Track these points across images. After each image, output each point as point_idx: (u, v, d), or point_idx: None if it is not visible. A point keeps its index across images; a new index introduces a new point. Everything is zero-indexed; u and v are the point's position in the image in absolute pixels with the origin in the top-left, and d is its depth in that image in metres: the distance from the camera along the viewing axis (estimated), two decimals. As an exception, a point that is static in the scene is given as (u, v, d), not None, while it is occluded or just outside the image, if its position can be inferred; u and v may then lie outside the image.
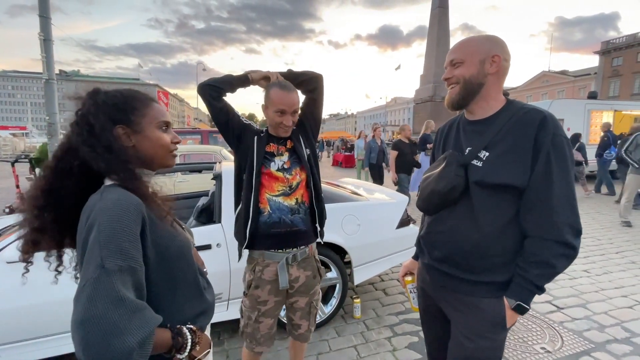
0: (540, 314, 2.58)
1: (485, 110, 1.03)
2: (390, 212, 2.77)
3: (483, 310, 1.00)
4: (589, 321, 2.49)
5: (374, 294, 3.01)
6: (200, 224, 2.38)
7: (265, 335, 1.54)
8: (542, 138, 0.91)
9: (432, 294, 1.18)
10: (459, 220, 1.03)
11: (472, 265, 1.01)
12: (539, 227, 0.93)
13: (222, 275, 2.14)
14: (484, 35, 1.03)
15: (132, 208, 0.72)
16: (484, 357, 1.02)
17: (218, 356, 2.15)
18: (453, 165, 1.02)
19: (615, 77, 36.47)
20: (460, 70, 1.01)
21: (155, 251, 0.77)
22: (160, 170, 2.59)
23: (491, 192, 0.96)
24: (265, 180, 1.46)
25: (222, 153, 5.51)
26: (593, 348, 2.17)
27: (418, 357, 2.11)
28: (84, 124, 0.77)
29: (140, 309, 0.63)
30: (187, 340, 0.75)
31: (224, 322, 2.23)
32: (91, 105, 0.79)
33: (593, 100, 10.09)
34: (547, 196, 0.91)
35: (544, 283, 0.94)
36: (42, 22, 6.13)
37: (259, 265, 1.51)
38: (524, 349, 2.17)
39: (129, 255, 0.66)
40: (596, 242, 4.23)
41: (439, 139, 1.21)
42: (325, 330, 2.41)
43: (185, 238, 0.89)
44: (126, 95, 0.84)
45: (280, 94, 1.42)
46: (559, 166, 0.90)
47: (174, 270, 0.82)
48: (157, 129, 0.86)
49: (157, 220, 0.79)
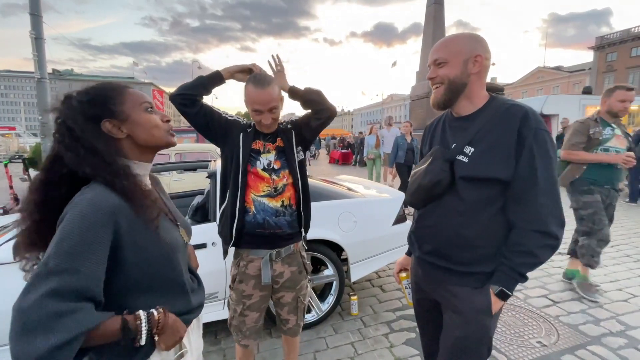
0: (536, 308, 2.60)
1: (469, 107, 1.06)
2: (386, 209, 2.77)
3: (471, 300, 1.04)
4: (585, 315, 2.50)
5: (371, 290, 3.01)
6: (195, 222, 2.36)
7: (251, 329, 1.54)
8: (525, 133, 0.94)
9: (424, 287, 1.22)
10: (446, 213, 1.06)
11: (460, 257, 1.05)
12: (525, 219, 0.97)
13: (218, 274, 2.12)
14: (467, 34, 1.04)
15: (104, 209, 0.70)
16: (472, 345, 1.06)
17: (215, 355, 2.15)
18: (439, 160, 1.05)
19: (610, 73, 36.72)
20: (444, 70, 1.03)
21: (135, 253, 0.75)
22: (156, 169, 2.53)
23: (477, 186, 0.99)
24: (250, 180, 1.44)
25: (217, 151, 5.47)
26: (588, 341, 2.18)
27: (415, 353, 2.11)
28: (64, 130, 0.76)
29: (71, 311, 0.61)
30: (141, 328, 0.72)
31: (220, 322, 2.21)
32: (66, 109, 0.77)
33: (588, 95, 10.14)
34: (532, 189, 0.94)
35: (527, 271, 0.98)
36: (33, 20, 6.05)
37: (243, 260, 1.51)
38: (520, 343, 2.18)
39: (79, 257, 0.64)
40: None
41: (426, 136, 1.25)
42: (322, 328, 2.41)
43: (174, 241, 0.86)
44: (98, 88, 0.82)
45: (254, 92, 1.36)
46: (542, 160, 0.94)
47: (155, 274, 0.80)
48: (143, 112, 0.83)
49: (141, 222, 0.76)
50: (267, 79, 1.39)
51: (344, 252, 2.52)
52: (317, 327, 2.41)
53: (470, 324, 1.04)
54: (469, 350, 1.07)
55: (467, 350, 1.07)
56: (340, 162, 16.15)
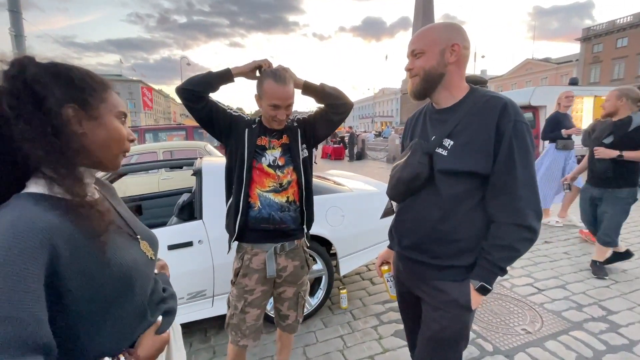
0: (521, 297, 2.66)
1: (448, 99, 1.05)
2: (374, 202, 2.78)
3: (449, 293, 1.04)
4: (568, 301, 2.57)
5: (360, 283, 3.03)
6: (181, 220, 2.34)
7: (250, 327, 1.52)
8: (504, 125, 0.93)
9: (405, 282, 1.22)
10: (425, 207, 1.05)
11: (439, 251, 1.04)
12: (504, 213, 0.96)
13: (205, 272, 2.12)
14: (443, 24, 1.03)
15: (33, 231, 0.55)
16: (448, 337, 1.07)
17: (204, 352, 2.15)
18: (418, 153, 1.04)
19: (596, 64, 37.22)
20: (420, 61, 1.02)
21: (82, 284, 0.61)
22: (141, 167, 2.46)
23: (456, 180, 0.99)
24: (256, 176, 1.44)
25: (206, 149, 5.42)
26: (571, 327, 2.24)
27: (403, 344, 2.14)
28: (25, 94, 0.60)
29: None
30: None
31: (209, 319, 2.21)
32: (40, 71, 0.62)
33: (574, 86, 10.29)
34: (511, 182, 0.94)
35: (507, 265, 0.98)
36: (13, 17, 5.87)
37: (248, 253, 1.51)
38: (505, 330, 2.23)
39: (7, 301, 0.50)
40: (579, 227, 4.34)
41: (407, 128, 1.24)
42: (312, 322, 2.43)
43: (132, 261, 0.71)
44: (83, 72, 0.69)
45: (274, 87, 1.36)
46: (520, 152, 0.93)
47: (111, 305, 0.66)
48: (115, 119, 0.72)
49: (87, 245, 0.62)
50: (286, 76, 1.39)
51: (332, 246, 2.53)
52: (306, 321, 2.42)
53: (449, 318, 1.05)
54: (446, 344, 1.08)
55: (444, 344, 1.08)
56: (333, 157, 16.15)
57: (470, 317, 1.07)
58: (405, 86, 16.02)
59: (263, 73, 1.42)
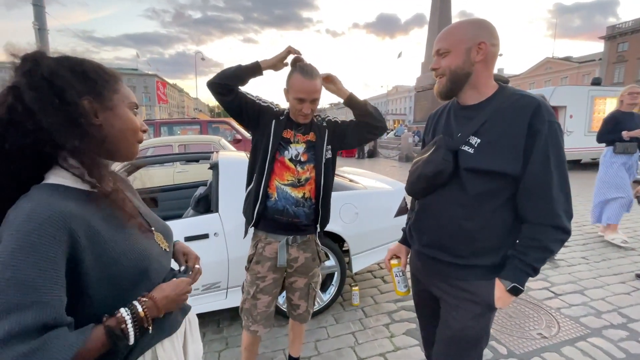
0: (537, 300, 2.60)
1: (475, 96, 1.02)
2: (388, 201, 2.76)
3: (472, 292, 1.03)
4: (586, 307, 2.50)
5: (372, 281, 3.03)
6: (198, 213, 2.38)
7: (261, 314, 1.56)
8: (538, 125, 0.90)
9: (422, 280, 1.21)
10: (448, 205, 1.04)
11: (461, 250, 1.03)
12: (539, 214, 0.95)
13: (220, 264, 2.15)
14: (470, 21, 1.01)
15: (53, 217, 0.56)
16: (470, 336, 1.06)
17: (217, 343, 2.19)
18: (441, 149, 1.02)
19: (621, 63, 35.86)
20: (446, 60, 1.00)
21: (99, 269, 0.62)
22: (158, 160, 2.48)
23: (482, 179, 0.97)
24: (277, 168, 1.48)
25: (221, 143, 5.49)
26: (589, 333, 2.18)
27: (415, 343, 2.13)
28: (45, 87, 0.60)
29: (42, 346, 0.51)
30: (128, 330, 0.63)
31: (222, 310, 2.25)
32: (55, 65, 0.64)
33: (597, 86, 9.94)
34: (546, 184, 0.92)
35: (540, 266, 0.97)
36: (36, 11, 6.03)
37: (262, 242, 1.55)
38: (520, 334, 2.19)
39: (30, 286, 0.52)
40: (596, 230, 4.22)
41: (430, 124, 1.21)
42: (323, 318, 2.44)
43: (145, 251, 0.72)
44: (95, 65, 0.70)
45: (301, 80, 1.38)
46: (555, 153, 0.91)
47: (126, 294, 0.67)
48: (128, 110, 0.73)
49: (103, 232, 0.64)
50: (314, 70, 1.41)
51: (345, 243, 2.53)
52: (318, 316, 2.44)
53: (471, 317, 1.03)
54: (467, 343, 1.06)
55: (465, 343, 1.06)
56: (344, 154, 16.10)
57: (492, 317, 1.06)
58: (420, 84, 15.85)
59: (293, 68, 1.44)
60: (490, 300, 1.00)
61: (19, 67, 0.62)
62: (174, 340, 0.80)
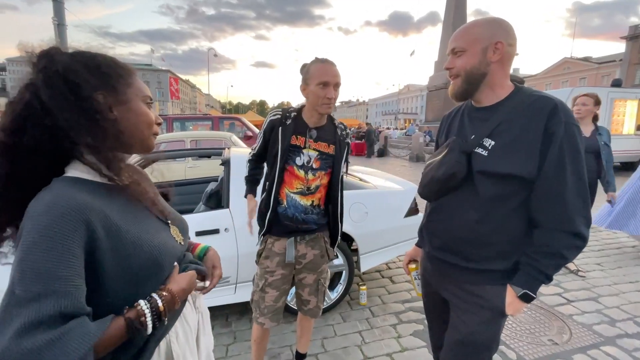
0: (549, 306, 2.55)
1: (491, 97, 1.00)
2: (398, 201, 2.75)
3: (482, 297, 1.01)
4: (600, 315, 2.44)
5: (380, 281, 3.02)
6: (209, 208, 2.41)
7: (269, 307, 1.58)
8: (554, 127, 0.88)
9: (432, 282, 1.20)
10: (460, 208, 1.02)
11: (473, 253, 1.01)
12: (552, 219, 0.92)
13: (229, 259, 2.17)
14: (486, 20, 0.98)
15: (71, 208, 0.57)
16: (479, 341, 1.04)
17: (225, 337, 2.22)
18: (455, 152, 1.00)
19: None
20: (461, 60, 0.98)
21: (115, 261, 0.63)
22: (171, 155, 2.53)
23: (496, 182, 0.95)
24: (286, 177, 1.49)
25: (232, 139, 5.53)
26: (602, 342, 2.13)
27: (422, 345, 2.12)
28: (60, 84, 0.61)
29: (63, 334, 0.51)
30: (147, 322, 0.63)
31: (231, 305, 2.28)
32: (69, 60, 0.64)
33: (617, 88, 9.63)
34: (561, 188, 0.89)
35: (554, 273, 0.94)
36: (56, 7, 6.17)
37: (271, 237, 1.57)
38: (530, 340, 2.16)
39: (50, 275, 0.53)
40: (612, 235, 4.11)
41: (443, 125, 1.20)
42: (330, 316, 2.44)
43: (161, 244, 0.72)
44: (108, 59, 0.70)
45: (322, 66, 1.40)
46: (571, 156, 0.88)
47: (141, 286, 0.67)
48: (142, 103, 0.74)
49: (120, 224, 0.65)
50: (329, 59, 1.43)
51: (354, 242, 2.53)
52: (325, 314, 2.44)
53: (480, 322, 1.02)
54: (475, 348, 1.05)
55: (474, 348, 1.05)
56: (354, 152, 16.05)
57: (502, 323, 1.04)
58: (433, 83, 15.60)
59: (308, 63, 1.45)
60: (501, 306, 0.98)
61: (35, 63, 0.63)
62: (188, 334, 0.82)
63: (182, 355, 0.77)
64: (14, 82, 0.66)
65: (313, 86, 1.39)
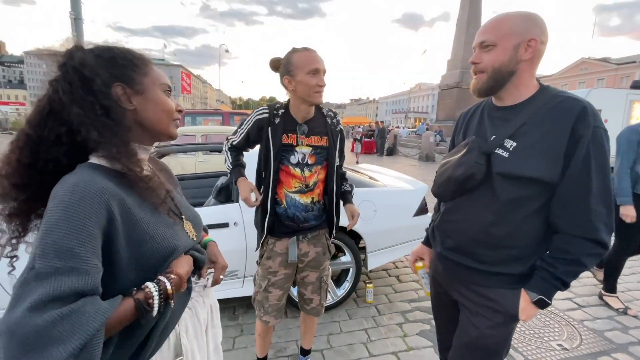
0: (559, 311, 2.51)
1: (514, 96, 0.96)
2: (407, 200, 2.73)
3: (494, 300, 0.99)
4: (612, 321, 2.39)
5: (387, 280, 3.01)
6: (219, 202, 2.44)
7: (273, 306, 1.58)
8: (582, 130, 0.84)
9: (443, 283, 1.18)
10: (476, 209, 0.99)
11: (487, 256, 0.99)
12: (574, 225, 0.88)
13: (238, 253, 2.20)
14: (520, 13, 0.92)
15: (93, 192, 0.59)
16: (487, 346, 1.02)
17: (233, 330, 2.24)
18: (474, 152, 0.96)
19: (665, 66, 33.47)
20: (490, 56, 0.92)
21: (130, 249, 0.64)
22: (182, 149, 2.56)
23: (516, 185, 0.91)
24: (282, 177, 1.46)
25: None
26: (614, 349, 2.09)
27: (428, 345, 2.11)
28: (75, 79, 0.63)
29: (76, 310, 0.52)
30: (154, 304, 0.64)
31: (239, 298, 2.30)
32: (85, 56, 0.66)
33: (637, 90, 9.33)
34: (585, 193, 0.86)
35: (571, 280, 0.91)
36: (73, 1, 6.28)
37: (272, 238, 1.55)
38: (539, 344, 2.13)
39: (69, 252, 0.54)
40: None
41: (460, 124, 1.15)
42: (336, 312, 2.45)
43: (174, 238, 0.73)
44: (123, 50, 0.71)
45: (307, 53, 1.33)
46: (597, 161, 0.85)
47: (153, 274, 0.68)
48: (161, 92, 0.75)
49: (136, 213, 0.66)
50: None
51: (362, 240, 2.53)
52: (331, 311, 2.45)
53: (491, 326, 0.99)
54: (485, 352, 1.03)
55: (483, 351, 1.03)
56: (363, 150, 15.98)
57: (513, 328, 1.02)
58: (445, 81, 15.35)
59: (288, 53, 1.38)
60: (514, 310, 0.96)
61: (58, 60, 0.67)
62: (197, 329, 0.83)
63: (191, 350, 0.78)
64: (32, 75, 0.69)
65: (302, 76, 1.31)
